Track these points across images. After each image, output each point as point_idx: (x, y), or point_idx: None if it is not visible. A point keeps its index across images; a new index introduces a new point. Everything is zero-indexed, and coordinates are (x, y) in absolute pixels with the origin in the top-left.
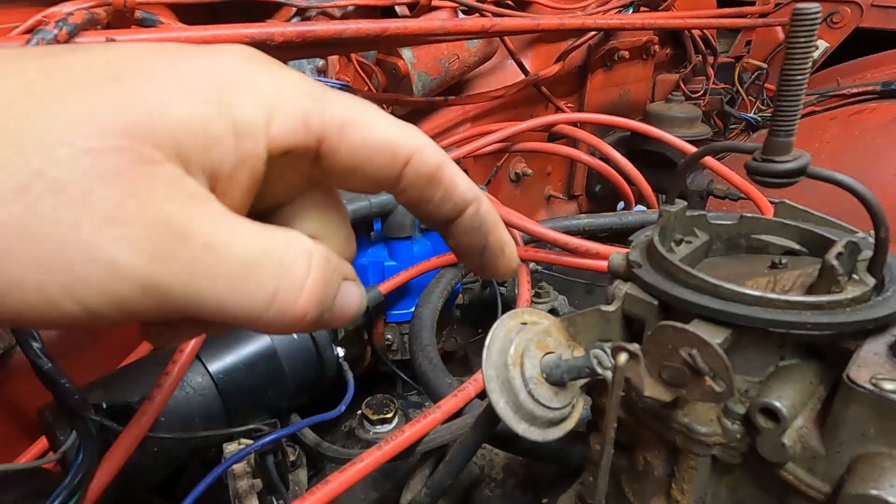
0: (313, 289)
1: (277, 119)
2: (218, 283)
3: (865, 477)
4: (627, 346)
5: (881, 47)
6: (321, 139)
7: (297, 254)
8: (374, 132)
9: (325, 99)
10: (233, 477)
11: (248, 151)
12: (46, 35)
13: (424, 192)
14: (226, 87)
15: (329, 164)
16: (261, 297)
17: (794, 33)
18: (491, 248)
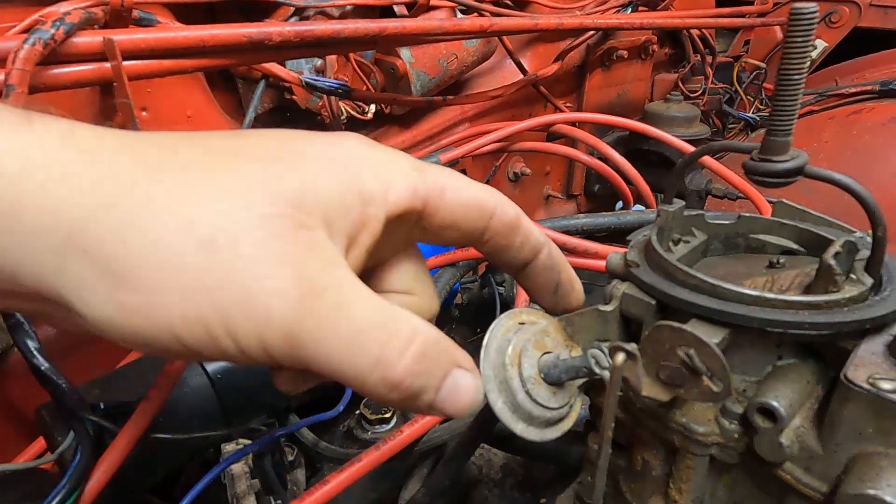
0: (411, 360)
1: (393, 188)
2: (337, 342)
3: (863, 476)
4: (625, 346)
5: (879, 47)
6: (426, 202)
7: (404, 328)
8: (467, 193)
9: (427, 171)
10: (231, 477)
11: (370, 215)
12: (43, 35)
13: (507, 239)
14: (353, 165)
15: (430, 223)
16: (367, 360)
17: (791, 32)
18: (563, 284)
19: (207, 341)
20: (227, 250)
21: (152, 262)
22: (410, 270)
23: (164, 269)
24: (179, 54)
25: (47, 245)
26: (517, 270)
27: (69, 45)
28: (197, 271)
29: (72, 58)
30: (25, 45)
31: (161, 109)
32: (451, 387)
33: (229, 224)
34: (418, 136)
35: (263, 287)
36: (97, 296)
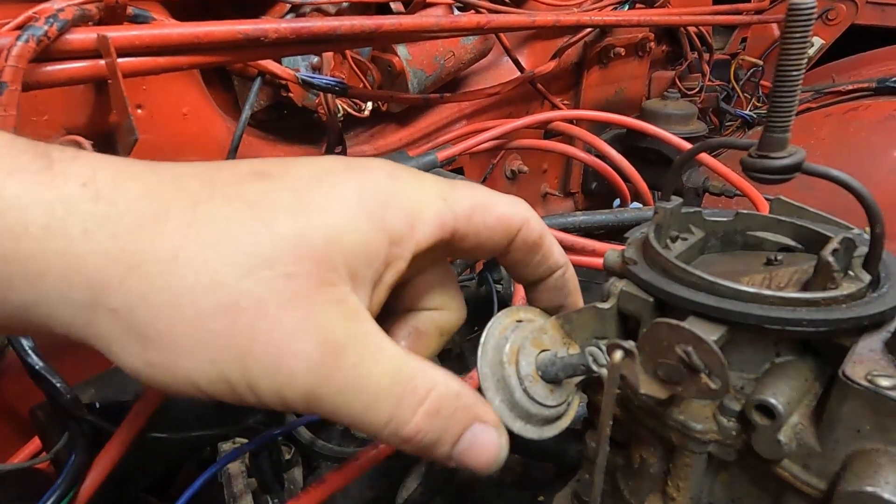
0: (422, 417)
1: (421, 225)
2: (353, 400)
3: (861, 474)
4: (623, 344)
5: (876, 44)
6: (454, 232)
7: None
8: (494, 213)
9: (453, 196)
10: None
11: (396, 255)
12: (37, 31)
13: (526, 256)
14: (379, 205)
15: (457, 248)
16: (380, 418)
17: (789, 29)
18: (566, 308)
19: (230, 394)
20: (251, 314)
21: (178, 325)
22: (438, 286)
23: (189, 331)
24: (174, 51)
25: (75, 302)
26: (528, 284)
27: (63, 41)
28: (222, 335)
29: (66, 55)
30: (18, 41)
31: (156, 107)
32: (468, 442)
33: (253, 286)
34: (415, 134)
35: (287, 350)
36: (126, 352)
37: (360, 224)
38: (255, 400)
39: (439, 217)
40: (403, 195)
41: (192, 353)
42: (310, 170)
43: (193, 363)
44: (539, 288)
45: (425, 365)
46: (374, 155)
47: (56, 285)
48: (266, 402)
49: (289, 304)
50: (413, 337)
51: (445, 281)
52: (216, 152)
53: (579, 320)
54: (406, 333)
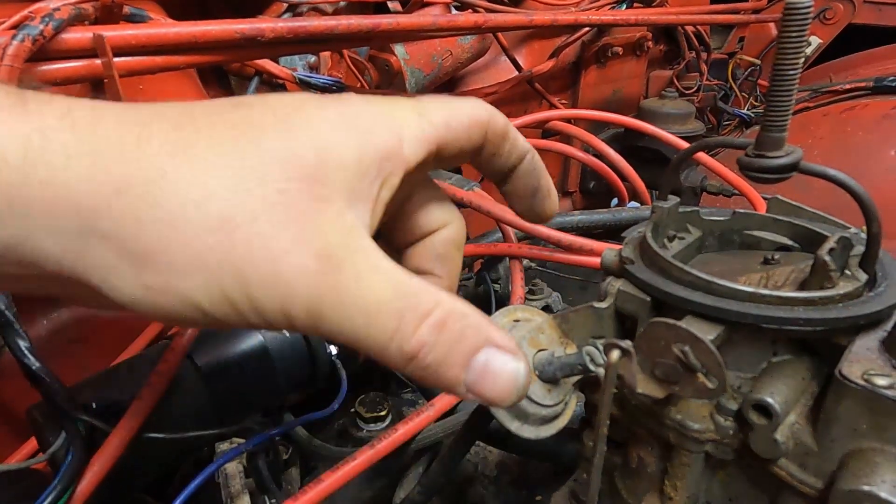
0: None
1: (406, 141)
2: (356, 314)
3: (857, 472)
4: (620, 343)
5: (873, 43)
6: (437, 144)
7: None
8: (465, 116)
9: (426, 110)
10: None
11: (388, 171)
12: (32, 31)
13: (498, 147)
14: (363, 122)
15: (441, 156)
16: (384, 332)
17: (786, 28)
18: (542, 189)
19: (233, 314)
20: (246, 228)
21: (173, 243)
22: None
23: (185, 249)
24: (171, 51)
25: (64, 231)
26: (502, 178)
27: (59, 41)
28: (218, 250)
29: (61, 54)
30: (14, 41)
31: None
32: (482, 366)
33: (246, 201)
34: None
35: (284, 264)
36: (121, 279)
37: (349, 140)
38: (260, 319)
39: (422, 131)
40: (383, 114)
41: (190, 271)
42: (288, 98)
43: (193, 282)
44: (514, 176)
45: (428, 283)
46: None
47: (43, 215)
48: (271, 321)
49: (284, 217)
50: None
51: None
52: None
53: (577, 320)
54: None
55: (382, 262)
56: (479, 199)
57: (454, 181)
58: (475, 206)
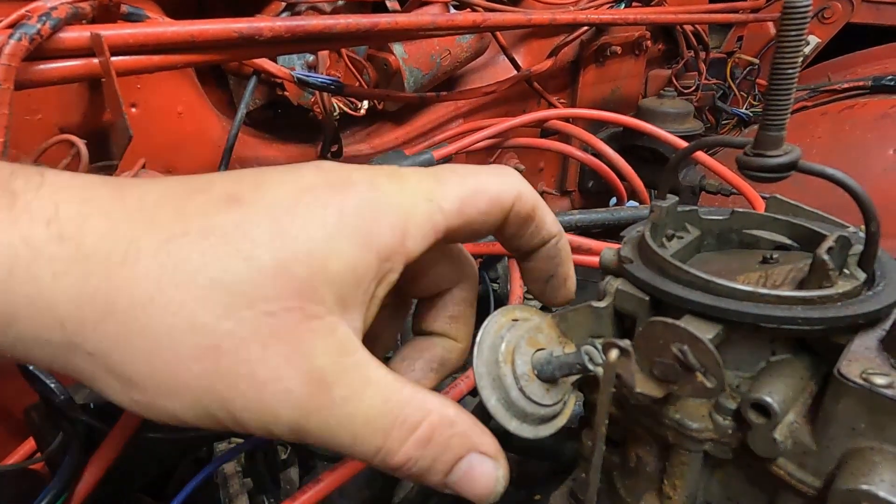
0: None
1: (411, 235)
2: (342, 432)
3: (856, 472)
4: (618, 343)
5: (872, 42)
6: (446, 231)
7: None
8: (485, 196)
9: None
10: (223, 476)
11: (387, 269)
12: (29, 30)
13: (520, 229)
14: (364, 222)
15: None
16: (371, 448)
17: (784, 27)
18: (558, 277)
19: (218, 426)
20: (233, 356)
21: (158, 369)
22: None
23: (171, 375)
24: (168, 50)
25: (50, 344)
26: (521, 256)
27: (56, 40)
28: (204, 377)
29: (59, 53)
30: (11, 40)
31: (151, 106)
32: (463, 471)
33: (234, 328)
34: (411, 133)
35: (269, 392)
36: (108, 389)
37: (344, 247)
38: (243, 431)
39: (429, 221)
40: (388, 206)
41: (176, 394)
42: (286, 190)
43: (178, 403)
44: (532, 258)
45: (419, 392)
46: (370, 154)
47: (29, 329)
48: (254, 433)
49: (271, 342)
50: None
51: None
52: (211, 151)
53: (575, 319)
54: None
55: (373, 373)
56: None
57: None
58: None
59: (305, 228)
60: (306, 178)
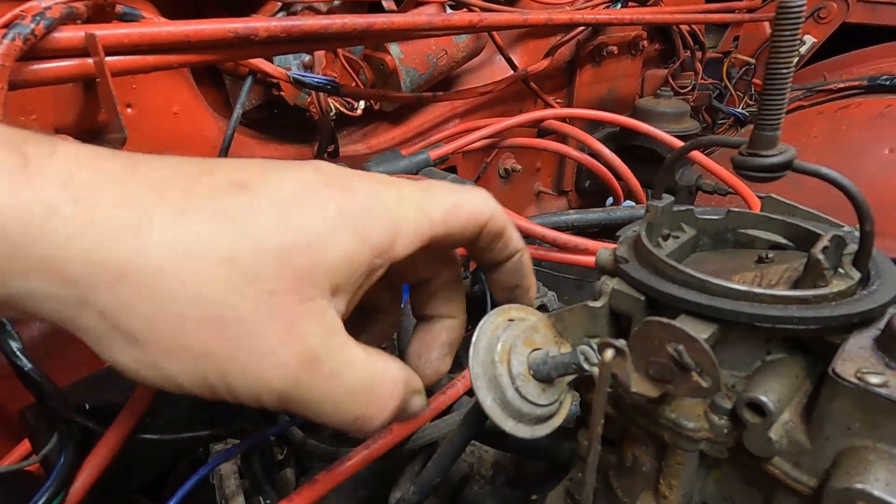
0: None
1: (400, 238)
2: (326, 402)
3: (851, 471)
4: (614, 342)
5: (867, 42)
6: (431, 239)
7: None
8: (465, 212)
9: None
10: (220, 477)
11: (376, 266)
12: (23, 29)
13: (490, 244)
14: (361, 220)
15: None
16: (349, 418)
17: (779, 27)
18: (522, 288)
19: (208, 393)
20: (234, 327)
21: (163, 331)
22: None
23: (176, 339)
24: (164, 50)
25: (62, 299)
26: (489, 268)
27: (50, 40)
28: (205, 344)
29: (53, 53)
30: (5, 39)
31: (146, 106)
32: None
33: (238, 303)
34: (408, 133)
35: (266, 362)
36: (112, 348)
37: (343, 240)
38: (232, 399)
39: (418, 228)
40: (384, 211)
41: (177, 356)
42: (291, 184)
43: (178, 365)
44: (498, 270)
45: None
46: (367, 154)
47: (42, 284)
48: (241, 401)
49: (270, 319)
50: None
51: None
52: (207, 151)
53: (571, 319)
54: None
55: (354, 352)
56: None
57: (448, 180)
58: None
59: (308, 220)
60: (308, 175)
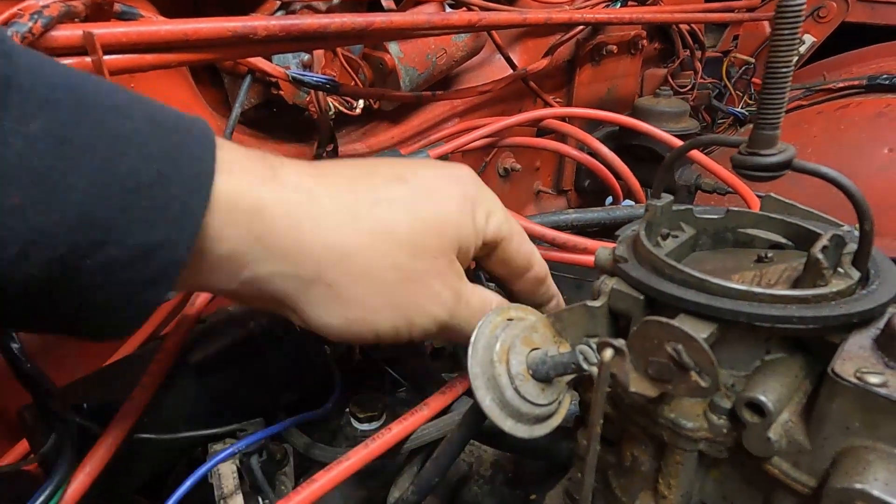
0: None
1: (491, 223)
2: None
3: (850, 470)
4: (613, 342)
5: (867, 42)
6: (499, 243)
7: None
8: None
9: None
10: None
11: (474, 240)
12: (21, 28)
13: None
14: (471, 204)
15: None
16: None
17: (778, 26)
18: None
19: (394, 336)
20: (417, 283)
21: (372, 292)
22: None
23: (380, 297)
24: (162, 48)
25: (300, 277)
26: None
27: (48, 38)
28: (400, 297)
29: (51, 52)
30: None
31: None
32: None
33: (417, 266)
34: (407, 132)
35: (436, 302)
36: (329, 312)
37: (466, 218)
38: (409, 336)
39: (500, 226)
40: (483, 198)
41: (380, 311)
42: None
43: (380, 317)
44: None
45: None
46: (366, 153)
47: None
48: (414, 337)
49: (437, 274)
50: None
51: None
52: None
53: (570, 318)
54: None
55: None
56: None
57: None
58: None
59: (446, 205)
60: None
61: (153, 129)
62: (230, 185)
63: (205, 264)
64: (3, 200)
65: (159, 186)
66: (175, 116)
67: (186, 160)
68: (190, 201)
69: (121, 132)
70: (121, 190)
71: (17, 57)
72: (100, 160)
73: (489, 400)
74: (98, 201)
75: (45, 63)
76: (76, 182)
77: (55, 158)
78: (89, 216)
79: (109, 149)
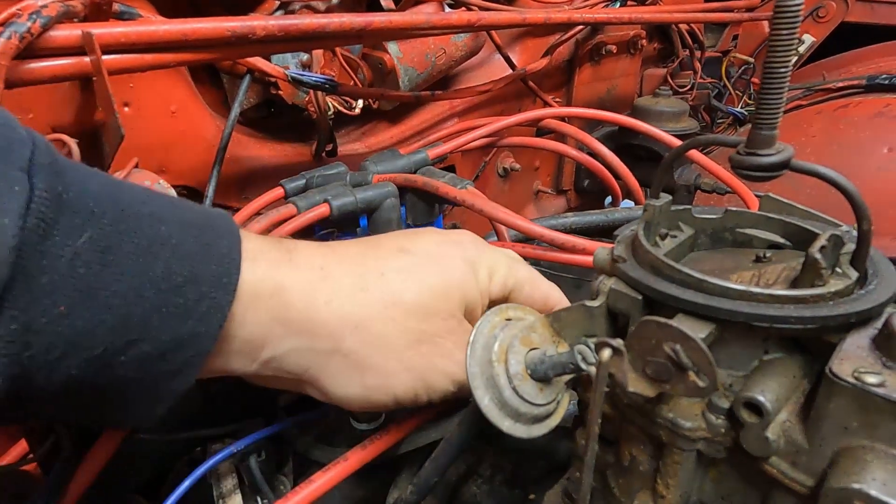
0: None
1: (494, 280)
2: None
3: (848, 470)
4: (611, 342)
5: (866, 41)
6: (509, 294)
7: None
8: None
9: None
10: (216, 477)
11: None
12: (19, 28)
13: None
14: (473, 265)
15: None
16: None
17: (777, 26)
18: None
19: (413, 399)
20: (429, 345)
21: (388, 358)
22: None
23: (397, 363)
24: (161, 48)
25: (317, 351)
26: None
27: (46, 38)
28: (413, 360)
29: (49, 52)
30: (1, 38)
31: (144, 105)
32: None
33: (427, 327)
34: (406, 132)
35: (450, 362)
36: (349, 383)
37: (469, 280)
38: (427, 397)
39: (505, 280)
40: (487, 259)
41: (397, 375)
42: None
43: (398, 381)
44: None
45: None
46: (365, 153)
47: (309, 338)
48: (432, 399)
49: (448, 334)
50: None
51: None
52: (205, 150)
53: (568, 318)
54: None
55: None
56: (473, 197)
57: (447, 179)
58: (468, 205)
59: (449, 269)
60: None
61: (184, 230)
62: (253, 273)
63: (226, 348)
64: (52, 309)
65: (191, 284)
66: (203, 215)
67: (216, 257)
68: (218, 296)
69: (156, 237)
70: (156, 291)
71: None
72: (138, 265)
73: (487, 399)
74: (135, 303)
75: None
76: (117, 288)
77: (99, 267)
78: (127, 318)
79: (146, 253)
